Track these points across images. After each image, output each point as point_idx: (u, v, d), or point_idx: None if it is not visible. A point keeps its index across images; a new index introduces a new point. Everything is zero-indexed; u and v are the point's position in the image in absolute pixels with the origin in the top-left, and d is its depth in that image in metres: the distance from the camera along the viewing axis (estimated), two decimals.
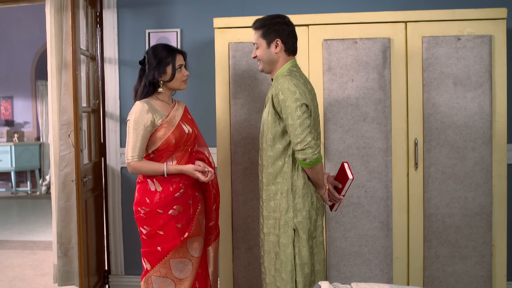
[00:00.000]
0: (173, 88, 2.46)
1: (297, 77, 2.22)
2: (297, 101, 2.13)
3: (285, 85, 2.16)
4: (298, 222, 2.22)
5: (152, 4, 3.49)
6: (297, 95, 2.14)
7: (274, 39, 2.27)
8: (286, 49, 2.29)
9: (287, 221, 2.22)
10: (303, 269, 2.22)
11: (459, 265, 2.82)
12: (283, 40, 2.27)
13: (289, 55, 2.31)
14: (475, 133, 2.78)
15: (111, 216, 3.59)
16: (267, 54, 2.29)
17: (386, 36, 2.81)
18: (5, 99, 8.69)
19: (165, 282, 2.43)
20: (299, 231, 2.22)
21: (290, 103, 2.13)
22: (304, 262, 2.22)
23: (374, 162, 2.81)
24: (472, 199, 2.79)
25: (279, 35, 2.26)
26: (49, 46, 3.37)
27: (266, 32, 2.27)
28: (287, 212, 2.22)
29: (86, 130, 3.35)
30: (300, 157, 2.14)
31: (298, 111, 2.12)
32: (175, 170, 2.39)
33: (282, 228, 2.23)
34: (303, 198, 2.23)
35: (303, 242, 2.22)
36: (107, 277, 3.61)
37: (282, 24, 2.27)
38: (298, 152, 2.14)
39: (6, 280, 3.97)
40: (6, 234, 5.58)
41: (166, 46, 2.45)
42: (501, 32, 2.76)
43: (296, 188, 2.23)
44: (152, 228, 2.40)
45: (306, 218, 2.23)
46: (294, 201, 2.22)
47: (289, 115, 2.14)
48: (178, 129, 2.42)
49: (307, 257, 2.23)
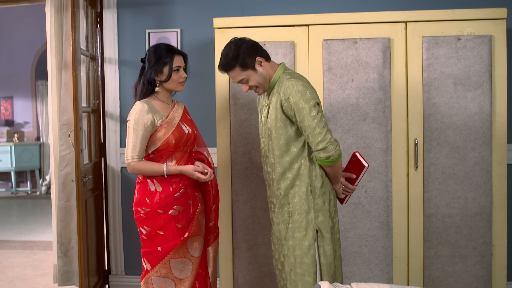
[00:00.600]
0: (169, 89, 2.46)
1: (301, 78, 2.22)
2: (309, 101, 2.13)
3: (293, 88, 2.15)
4: (320, 222, 2.23)
5: (152, 4, 3.49)
6: (308, 95, 2.13)
7: (254, 60, 2.24)
8: (266, 59, 2.28)
9: (309, 222, 2.22)
10: (329, 268, 2.23)
11: (459, 265, 2.82)
12: (260, 55, 2.25)
13: (269, 62, 2.30)
14: (475, 133, 2.78)
15: (111, 216, 3.59)
16: (260, 76, 2.26)
17: (386, 36, 2.81)
18: (5, 99, 8.69)
19: (165, 282, 2.43)
20: (322, 231, 2.22)
21: (304, 105, 2.12)
22: (329, 262, 2.23)
23: (374, 162, 2.81)
24: (472, 199, 2.79)
25: (252, 54, 2.23)
26: (49, 46, 3.38)
27: (243, 63, 2.23)
28: (308, 213, 2.22)
29: (86, 130, 3.35)
30: (323, 155, 2.13)
31: (313, 111, 2.12)
32: (175, 170, 2.39)
33: (304, 231, 2.22)
34: (322, 197, 2.24)
35: (327, 241, 2.23)
36: (107, 277, 3.61)
37: (244, 45, 2.24)
38: (320, 151, 2.13)
39: (6, 280, 3.97)
40: (6, 234, 5.58)
41: (167, 46, 2.44)
42: (501, 32, 2.76)
43: (315, 189, 2.23)
44: (152, 228, 2.40)
45: (327, 217, 2.24)
46: (314, 202, 2.23)
47: (304, 117, 2.12)
48: (178, 130, 2.42)
49: (332, 256, 2.24)
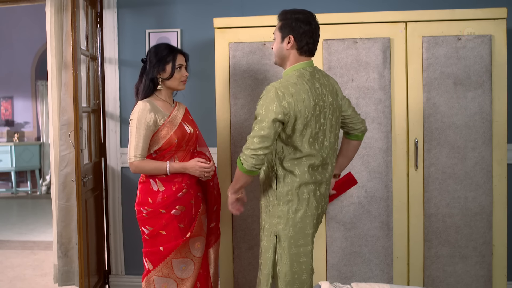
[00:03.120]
0: (171, 87, 2.47)
1: (290, 84, 2.10)
2: (269, 112, 2.06)
3: (268, 93, 2.09)
4: (280, 229, 2.17)
5: (152, 4, 3.49)
6: (273, 106, 2.06)
7: (287, 34, 2.17)
8: (298, 48, 2.17)
9: (271, 225, 2.20)
10: (284, 276, 2.18)
11: (459, 265, 2.82)
12: (296, 38, 2.16)
13: (301, 55, 2.19)
14: (475, 133, 2.78)
15: (111, 216, 3.59)
16: (279, 48, 2.21)
17: (386, 36, 2.81)
18: (5, 99, 8.69)
19: (167, 282, 2.43)
20: (281, 238, 2.17)
21: (260, 111, 2.07)
22: (285, 270, 2.17)
23: (374, 162, 2.81)
24: (472, 199, 2.80)
25: (293, 31, 2.16)
26: (49, 46, 3.38)
27: (283, 26, 2.18)
28: (273, 218, 2.20)
29: (86, 130, 3.35)
30: (241, 158, 2.12)
31: (264, 123, 2.06)
32: (179, 167, 2.40)
33: (266, 231, 2.22)
34: (287, 205, 2.17)
35: (285, 250, 2.17)
36: (107, 277, 3.61)
37: (301, 22, 2.15)
38: (242, 153, 2.12)
39: (6, 280, 3.97)
40: (6, 234, 5.58)
41: (168, 46, 2.47)
42: (501, 32, 2.76)
43: (279, 195, 2.18)
44: (154, 228, 2.40)
45: (289, 226, 2.16)
46: (278, 208, 2.18)
47: (255, 124, 2.09)
48: (180, 129, 2.43)
49: (288, 265, 2.17)
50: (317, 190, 2.22)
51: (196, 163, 2.40)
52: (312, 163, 2.16)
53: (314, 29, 2.17)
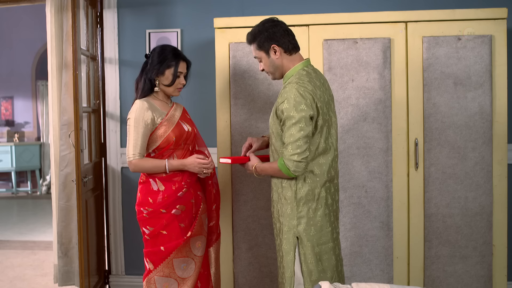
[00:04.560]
0: (166, 91, 2.48)
1: (305, 83, 2.14)
2: (301, 112, 2.07)
3: (291, 94, 2.09)
4: (301, 230, 2.18)
5: (152, 4, 3.49)
6: (302, 106, 2.08)
7: (269, 46, 2.20)
8: (285, 50, 2.21)
9: (290, 228, 2.19)
10: (310, 276, 2.18)
11: (460, 265, 2.82)
12: (278, 43, 2.19)
13: (291, 54, 2.23)
14: (476, 133, 2.78)
15: (112, 216, 3.59)
16: (271, 62, 2.23)
17: (386, 36, 2.81)
18: (6, 99, 8.69)
19: (168, 281, 2.43)
20: (303, 239, 2.18)
21: (294, 113, 2.07)
22: (310, 269, 2.18)
23: (375, 162, 2.81)
24: (473, 199, 2.79)
25: (272, 40, 2.19)
26: (50, 46, 3.38)
27: (260, 43, 2.21)
28: (292, 219, 2.19)
29: (87, 130, 3.35)
30: (290, 166, 2.10)
31: (302, 123, 2.07)
32: (177, 164, 2.40)
33: (286, 234, 2.21)
34: (307, 205, 2.18)
35: (308, 249, 2.18)
36: (107, 277, 3.61)
37: (271, 28, 2.20)
38: (291, 161, 2.09)
39: (6, 280, 3.97)
40: (7, 234, 5.58)
41: (174, 50, 2.46)
42: (501, 32, 2.76)
43: (299, 196, 2.18)
44: (155, 228, 2.40)
45: (310, 226, 2.18)
46: (298, 209, 2.18)
47: (291, 126, 2.08)
48: (178, 127, 2.44)
49: (314, 264, 2.18)
50: (331, 186, 2.26)
51: (195, 159, 2.40)
52: (329, 158, 2.21)
53: (283, 26, 2.24)
